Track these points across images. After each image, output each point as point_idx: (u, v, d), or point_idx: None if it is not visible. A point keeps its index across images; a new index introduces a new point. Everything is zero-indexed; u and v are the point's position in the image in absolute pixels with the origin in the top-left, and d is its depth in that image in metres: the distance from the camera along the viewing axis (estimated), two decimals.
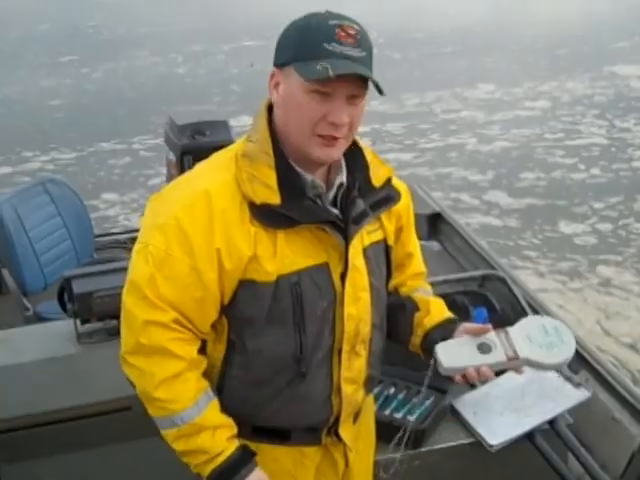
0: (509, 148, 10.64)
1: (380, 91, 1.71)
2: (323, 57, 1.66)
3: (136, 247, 1.80)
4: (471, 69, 15.48)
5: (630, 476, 2.80)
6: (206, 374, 1.85)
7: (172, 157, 4.31)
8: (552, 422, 2.74)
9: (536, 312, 3.40)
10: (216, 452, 1.81)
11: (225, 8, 23.70)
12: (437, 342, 1.92)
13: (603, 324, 5.95)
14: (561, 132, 11.25)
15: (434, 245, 4.47)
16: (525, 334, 1.92)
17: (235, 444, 1.84)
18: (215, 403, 1.84)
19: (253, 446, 1.90)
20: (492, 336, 1.91)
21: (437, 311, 2.07)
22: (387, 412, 2.74)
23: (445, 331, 1.99)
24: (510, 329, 1.94)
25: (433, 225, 4.53)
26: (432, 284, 3.33)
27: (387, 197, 1.95)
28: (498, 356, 1.88)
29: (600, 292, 6.52)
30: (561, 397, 2.82)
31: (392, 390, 2.85)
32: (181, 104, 9.55)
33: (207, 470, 1.83)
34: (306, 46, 1.68)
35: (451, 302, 3.31)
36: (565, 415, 2.78)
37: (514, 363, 1.90)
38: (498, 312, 3.47)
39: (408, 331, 2.06)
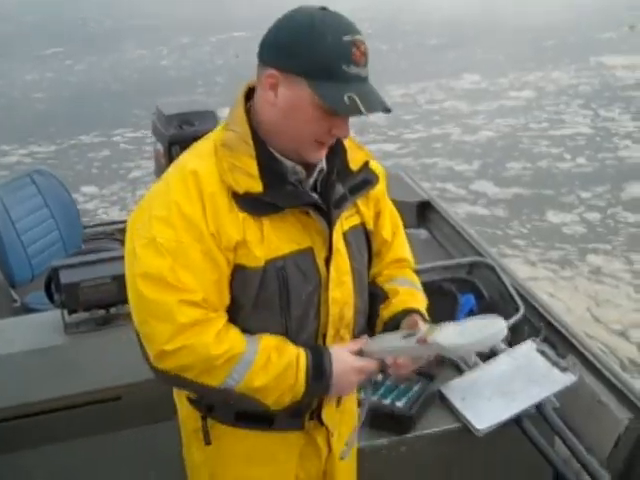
0: (494, 138, 10.65)
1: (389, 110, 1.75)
2: (341, 80, 1.69)
3: (139, 243, 1.76)
4: (457, 60, 15.51)
5: (616, 459, 2.83)
6: None
7: (160, 147, 4.31)
8: (539, 406, 2.77)
9: (524, 299, 3.42)
10: (294, 359, 1.81)
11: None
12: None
13: (593, 311, 5.98)
14: (546, 122, 11.27)
15: (422, 233, 4.48)
16: (457, 326, 1.87)
17: (301, 347, 1.84)
18: (260, 335, 1.83)
19: (235, 432, 1.93)
20: (427, 327, 1.89)
21: (400, 302, 2.04)
22: (375, 398, 2.74)
23: (396, 323, 1.99)
24: (450, 322, 1.89)
25: (421, 213, 4.55)
26: (419, 272, 3.35)
27: (365, 180, 1.97)
28: (411, 342, 1.85)
29: (590, 280, 6.55)
30: (548, 382, 2.84)
31: (380, 376, 2.86)
32: (164, 96, 9.52)
33: (301, 383, 1.81)
34: (323, 66, 1.69)
35: (438, 289, 3.37)
36: (552, 399, 2.80)
37: (424, 348, 1.84)
38: (486, 299, 3.50)
39: (373, 322, 2.07)
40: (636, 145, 10.16)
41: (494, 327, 1.82)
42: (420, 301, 2.08)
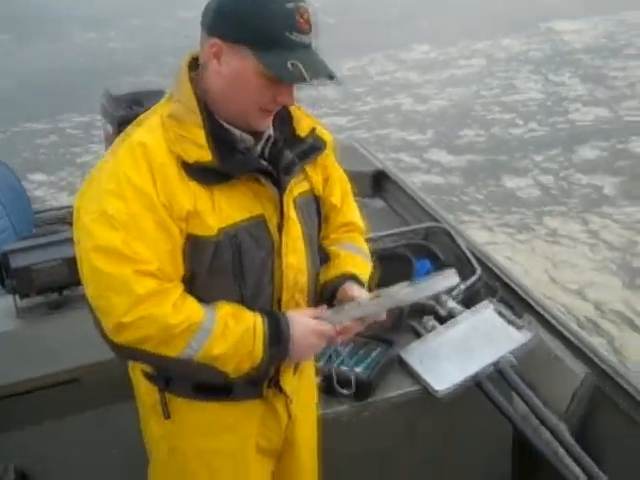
0: (446, 107, 10.71)
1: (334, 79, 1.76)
2: (286, 48, 1.69)
3: (90, 217, 1.74)
4: (406, 31, 15.50)
5: (573, 413, 2.88)
6: None
7: (110, 129, 4.25)
8: (496, 365, 2.79)
9: (481, 262, 3.45)
10: (251, 324, 1.81)
11: None
12: (326, 298, 2.00)
13: (550, 273, 6.06)
14: (498, 88, 11.35)
15: (378, 202, 4.49)
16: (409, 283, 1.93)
17: (257, 313, 1.85)
18: (216, 303, 1.83)
19: (194, 404, 1.94)
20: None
21: (338, 266, 2.06)
22: (334, 366, 2.75)
23: (333, 288, 2.02)
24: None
25: (376, 183, 4.55)
26: (375, 239, 3.39)
27: (313, 146, 1.99)
28: (364, 301, 1.92)
29: (547, 242, 6.64)
30: (504, 340, 2.88)
31: (339, 344, 2.86)
32: (114, 79, 9.39)
33: (259, 348, 1.81)
34: (267, 34, 1.69)
35: (393, 255, 3.38)
36: (509, 357, 2.82)
37: (373, 304, 1.90)
38: (442, 263, 3.51)
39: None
40: (586, 108, 10.27)
41: (444, 273, 1.91)
42: (360, 266, 2.10)
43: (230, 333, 1.79)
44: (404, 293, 1.89)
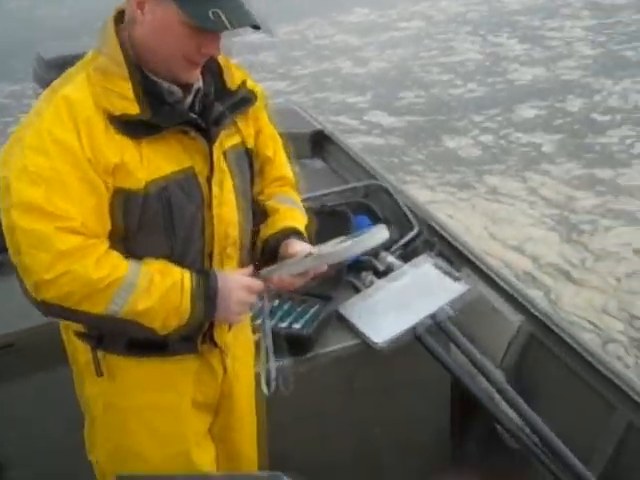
0: (386, 69, 10.67)
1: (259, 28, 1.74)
2: None
3: (12, 174, 1.71)
4: None
5: (509, 360, 2.94)
6: None
7: (42, 93, 4.17)
8: (434, 316, 2.82)
9: (419, 219, 3.47)
10: (178, 279, 1.80)
11: None
12: (267, 254, 2.02)
13: (490, 229, 6.11)
14: (436, 50, 11.34)
15: (317, 163, 4.47)
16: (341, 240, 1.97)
17: (186, 270, 1.83)
18: (144, 259, 1.82)
19: (128, 361, 1.92)
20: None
21: (279, 220, 2.07)
22: (272, 322, 2.74)
23: (275, 243, 2.02)
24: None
25: (316, 144, 4.53)
26: (314, 198, 3.39)
27: (243, 99, 1.98)
28: (298, 259, 1.93)
29: (488, 200, 6.68)
30: (441, 292, 2.91)
31: (276, 302, 2.86)
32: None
33: (186, 304, 1.80)
34: None
35: (331, 212, 3.38)
36: (446, 308, 2.86)
37: (308, 261, 1.92)
38: (381, 220, 3.52)
39: (254, 240, 2.08)
40: (524, 68, 10.32)
41: (374, 228, 1.93)
42: (299, 219, 2.11)
43: (155, 288, 1.77)
44: (341, 248, 1.90)
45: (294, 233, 2.03)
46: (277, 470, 1.88)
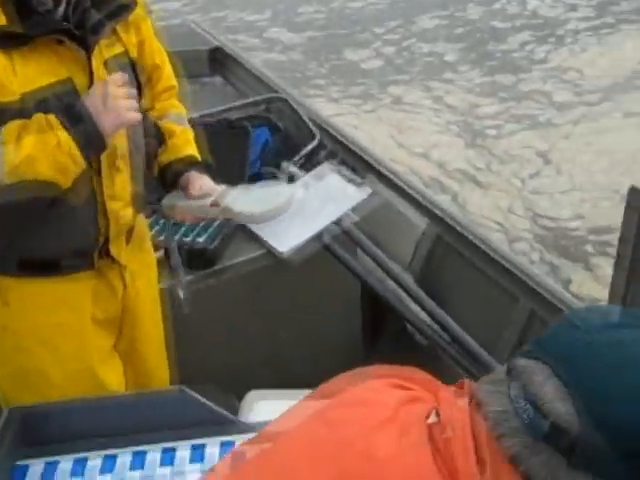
0: None
1: None
2: None
3: None
4: None
5: (417, 262, 2.96)
6: None
7: None
8: (339, 223, 2.81)
9: (322, 129, 3.43)
10: (42, 121, 1.70)
11: None
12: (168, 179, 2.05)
13: (397, 138, 6.11)
14: None
15: (217, 80, 4.38)
16: (248, 191, 2.01)
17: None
18: None
19: (21, 283, 1.88)
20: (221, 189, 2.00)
21: (175, 147, 2.08)
22: (176, 238, 2.70)
23: (173, 173, 2.04)
24: (241, 187, 2.03)
25: (214, 60, 4.42)
26: (214, 114, 3.31)
27: (122, 5, 1.90)
28: (205, 202, 1.97)
29: (393, 110, 6.66)
30: (344, 198, 2.88)
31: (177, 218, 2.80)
32: None
33: (64, 136, 1.70)
34: None
35: (230, 126, 3.31)
36: (350, 214, 2.84)
37: (216, 211, 1.98)
38: (282, 132, 3.47)
39: (152, 163, 2.07)
40: None
41: (283, 196, 1.98)
42: (192, 143, 2.11)
43: (25, 140, 1.68)
44: (244, 215, 1.98)
45: (195, 164, 2.04)
46: (188, 384, 1.86)
